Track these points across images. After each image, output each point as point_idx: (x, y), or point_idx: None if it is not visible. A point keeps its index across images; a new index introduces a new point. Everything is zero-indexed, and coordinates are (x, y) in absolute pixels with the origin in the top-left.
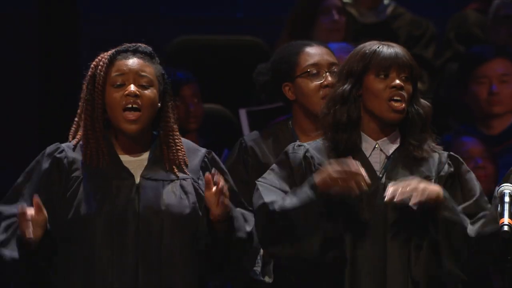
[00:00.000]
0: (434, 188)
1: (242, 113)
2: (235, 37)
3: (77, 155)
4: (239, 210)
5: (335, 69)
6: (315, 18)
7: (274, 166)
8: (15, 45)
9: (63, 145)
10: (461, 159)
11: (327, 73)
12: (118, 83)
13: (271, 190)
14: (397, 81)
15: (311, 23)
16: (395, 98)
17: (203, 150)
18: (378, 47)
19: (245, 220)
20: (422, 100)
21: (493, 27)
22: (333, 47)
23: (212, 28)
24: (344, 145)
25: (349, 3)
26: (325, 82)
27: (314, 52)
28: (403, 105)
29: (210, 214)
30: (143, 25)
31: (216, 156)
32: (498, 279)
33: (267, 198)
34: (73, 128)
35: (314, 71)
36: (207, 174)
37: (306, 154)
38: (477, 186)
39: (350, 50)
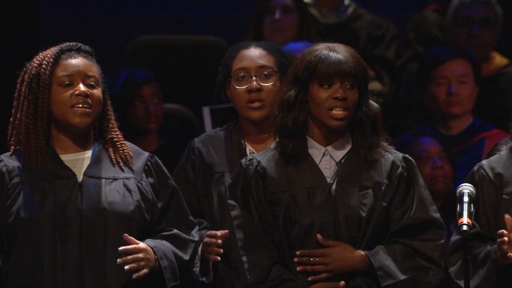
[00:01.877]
0: (347, 264)
1: (206, 111)
2: (197, 37)
3: (16, 162)
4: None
5: (266, 72)
6: (264, 17)
7: (231, 184)
8: None
9: (1, 156)
10: (414, 163)
11: (254, 78)
12: (66, 82)
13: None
14: (339, 94)
15: (262, 22)
16: (336, 109)
17: (146, 154)
18: (324, 54)
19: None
20: (371, 102)
21: (452, 28)
22: (293, 47)
23: (173, 27)
24: (290, 151)
25: (311, 4)
26: (249, 87)
27: (245, 56)
28: (345, 113)
29: None
30: (104, 24)
31: (159, 160)
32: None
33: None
34: (11, 135)
35: (241, 75)
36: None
37: (258, 167)
38: (425, 194)
39: None
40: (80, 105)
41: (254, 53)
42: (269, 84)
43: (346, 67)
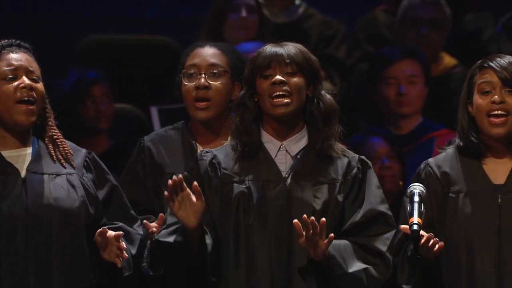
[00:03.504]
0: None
1: (154, 111)
2: (146, 37)
3: None
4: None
5: (215, 71)
6: (226, 15)
7: (185, 176)
8: None
9: None
10: (370, 164)
11: (203, 75)
12: (10, 76)
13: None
14: (277, 76)
15: (223, 21)
16: (276, 93)
17: (84, 151)
18: (265, 48)
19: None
20: (327, 96)
21: (401, 28)
22: (246, 47)
23: (123, 27)
24: (242, 148)
25: (262, 3)
26: (197, 84)
27: (198, 53)
28: (287, 99)
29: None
30: (54, 24)
31: (96, 157)
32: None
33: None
34: None
35: (191, 71)
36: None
37: (213, 160)
38: (377, 193)
39: None
40: (25, 98)
41: (207, 51)
42: (218, 82)
43: (283, 54)
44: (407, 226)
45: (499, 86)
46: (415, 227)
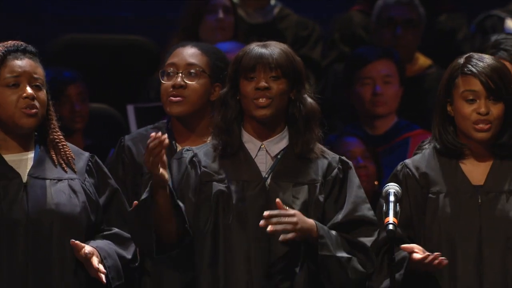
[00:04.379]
0: (307, 226)
1: (130, 109)
2: (122, 37)
3: None
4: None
5: (193, 71)
6: (202, 17)
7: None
8: None
9: None
10: (350, 164)
11: (180, 74)
12: (12, 83)
13: None
14: (262, 83)
15: (199, 22)
16: (259, 100)
17: (87, 154)
18: (249, 48)
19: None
20: (308, 99)
21: (376, 29)
22: (223, 47)
23: (99, 27)
24: (222, 147)
25: (237, 4)
26: (173, 83)
27: (178, 52)
28: (268, 101)
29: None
30: (29, 23)
31: (99, 160)
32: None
33: None
34: None
35: (170, 70)
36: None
37: (193, 158)
38: (359, 192)
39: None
40: (27, 108)
41: (188, 51)
42: (194, 82)
43: (268, 58)
44: (408, 246)
45: (484, 95)
46: (391, 227)
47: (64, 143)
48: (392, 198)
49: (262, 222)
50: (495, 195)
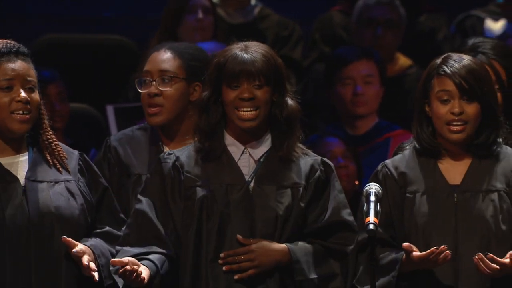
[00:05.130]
0: (271, 259)
1: (110, 110)
2: (102, 36)
3: None
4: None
5: (166, 77)
6: (182, 17)
7: (147, 179)
8: None
9: None
10: (333, 167)
11: (154, 82)
12: (5, 86)
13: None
14: (245, 94)
15: (179, 22)
16: (243, 109)
17: (76, 153)
18: (232, 55)
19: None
20: (290, 101)
21: (357, 29)
22: (203, 47)
23: (79, 26)
24: (206, 150)
25: (217, 4)
26: (148, 91)
27: (152, 59)
28: (254, 113)
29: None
30: (9, 22)
31: (87, 158)
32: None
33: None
34: None
35: (144, 79)
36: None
37: (176, 162)
38: (340, 198)
39: (221, 49)
40: (20, 112)
41: (161, 57)
42: (169, 88)
43: (252, 67)
44: (408, 244)
45: (457, 95)
46: (371, 226)
47: (56, 143)
48: (372, 198)
49: (220, 261)
50: (472, 194)
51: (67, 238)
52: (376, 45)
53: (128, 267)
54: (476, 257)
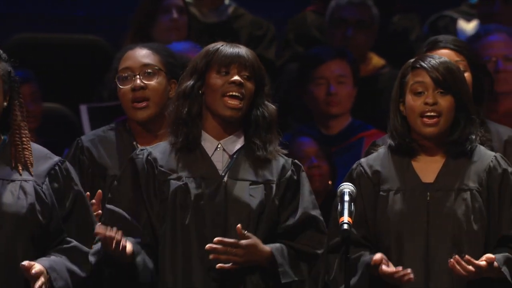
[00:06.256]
0: (256, 259)
1: (83, 109)
2: (76, 36)
3: None
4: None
5: (150, 70)
6: (156, 17)
7: (120, 175)
8: None
9: None
10: (302, 168)
11: (138, 76)
12: None
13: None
14: (236, 77)
15: (153, 22)
16: (231, 94)
17: (56, 159)
18: (222, 45)
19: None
20: (268, 103)
21: (329, 29)
22: (178, 47)
23: (52, 26)
24: (184, 139)
25: (191, 3)
26: (133, 86)
27: (129, 56)
28: (240, 102)
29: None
30: None
31: (69, 167)
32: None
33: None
34: None
35: (125, 75)
36: None
37: (149, 157)
38: (310, 198)
39: (196, 49)
40: None
41: (139, 53)
42: (153, 82)
43: (244, 56)
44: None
45: (431, 87)
46: (345, 226)
47: (25, 145)
48: (346, 197)
49: (208, 246)
50: (444, 193)
51: (25, 264)
52: (347, 45)
53: (111, 234)
54: (452, 259)
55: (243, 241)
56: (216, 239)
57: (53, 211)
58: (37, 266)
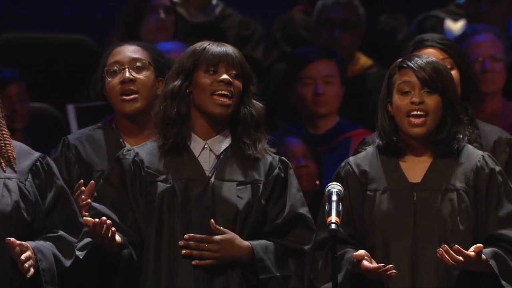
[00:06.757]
0: (234, 254)
1: (70, 109)
2: (62, 35)
3: None
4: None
5: (139, 64)
6: (143, 17)
7: (107, 174)
8: None
9: None
10: (290, 165)
11: (127, 68)
12: None
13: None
14: (225, 76)
15: (140, 22)
16: (220, 92)
17: (37, 154)
18: (209, 45)
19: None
20: (254, 101)
21: (316, 29)
22: (165, 47)
23: (38, 25)
24: (172, 139)
25: (178, 3)
26: (122, 78)
27: (118, 51)
28: (229, 100)
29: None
30: None
31: (50, 161)
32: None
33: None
34: None
35: (114, 68)
36: None
37: (135, 158)
38: (298, 196)
39: (183, 49)
40: None
41: (128, 48)
42: (142, 76)
43: (232, 55)
44: (359, 254)
45: (418, 86)
46: (333, 226)
47: (7, 141)
48: (334, 197)
49: (180, 242)
50: (431, 193)
51: (10, 239)
52: (334, 46)
53: (101, 220)
54: (441, 249)
55: (217, 236)
56: (186, 235)
57: (37, 207)
58: (23, 243)
